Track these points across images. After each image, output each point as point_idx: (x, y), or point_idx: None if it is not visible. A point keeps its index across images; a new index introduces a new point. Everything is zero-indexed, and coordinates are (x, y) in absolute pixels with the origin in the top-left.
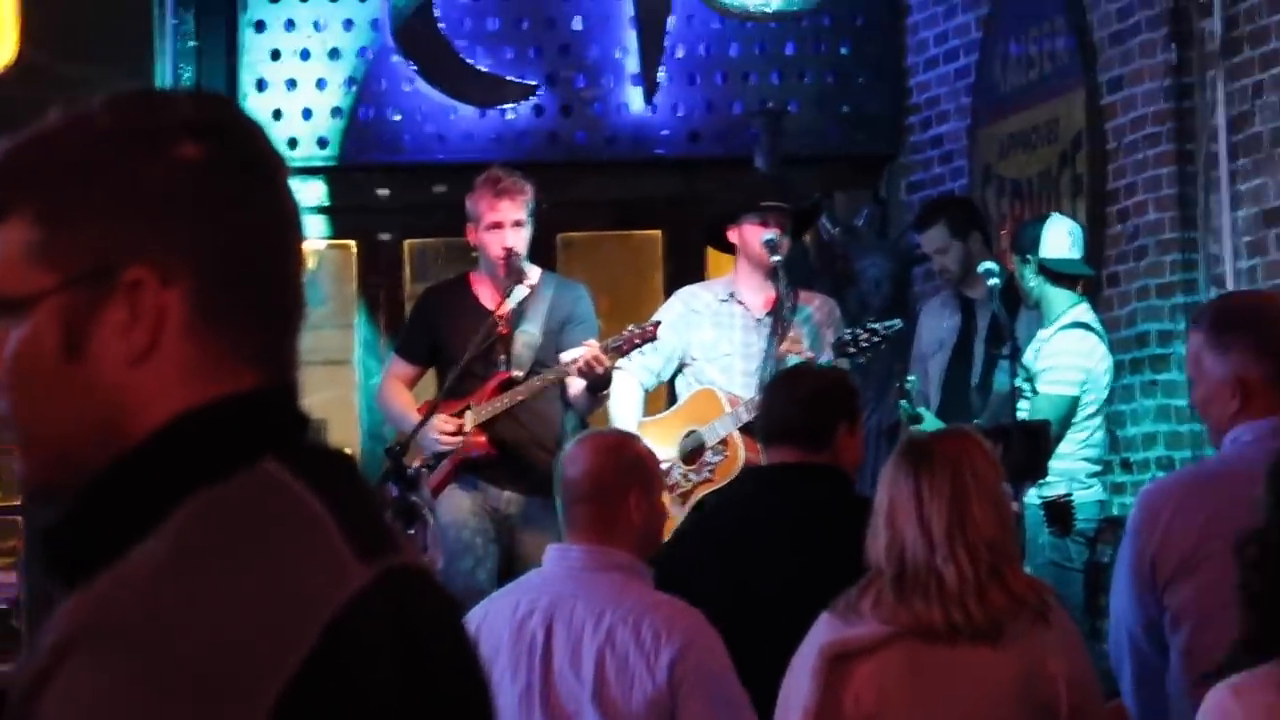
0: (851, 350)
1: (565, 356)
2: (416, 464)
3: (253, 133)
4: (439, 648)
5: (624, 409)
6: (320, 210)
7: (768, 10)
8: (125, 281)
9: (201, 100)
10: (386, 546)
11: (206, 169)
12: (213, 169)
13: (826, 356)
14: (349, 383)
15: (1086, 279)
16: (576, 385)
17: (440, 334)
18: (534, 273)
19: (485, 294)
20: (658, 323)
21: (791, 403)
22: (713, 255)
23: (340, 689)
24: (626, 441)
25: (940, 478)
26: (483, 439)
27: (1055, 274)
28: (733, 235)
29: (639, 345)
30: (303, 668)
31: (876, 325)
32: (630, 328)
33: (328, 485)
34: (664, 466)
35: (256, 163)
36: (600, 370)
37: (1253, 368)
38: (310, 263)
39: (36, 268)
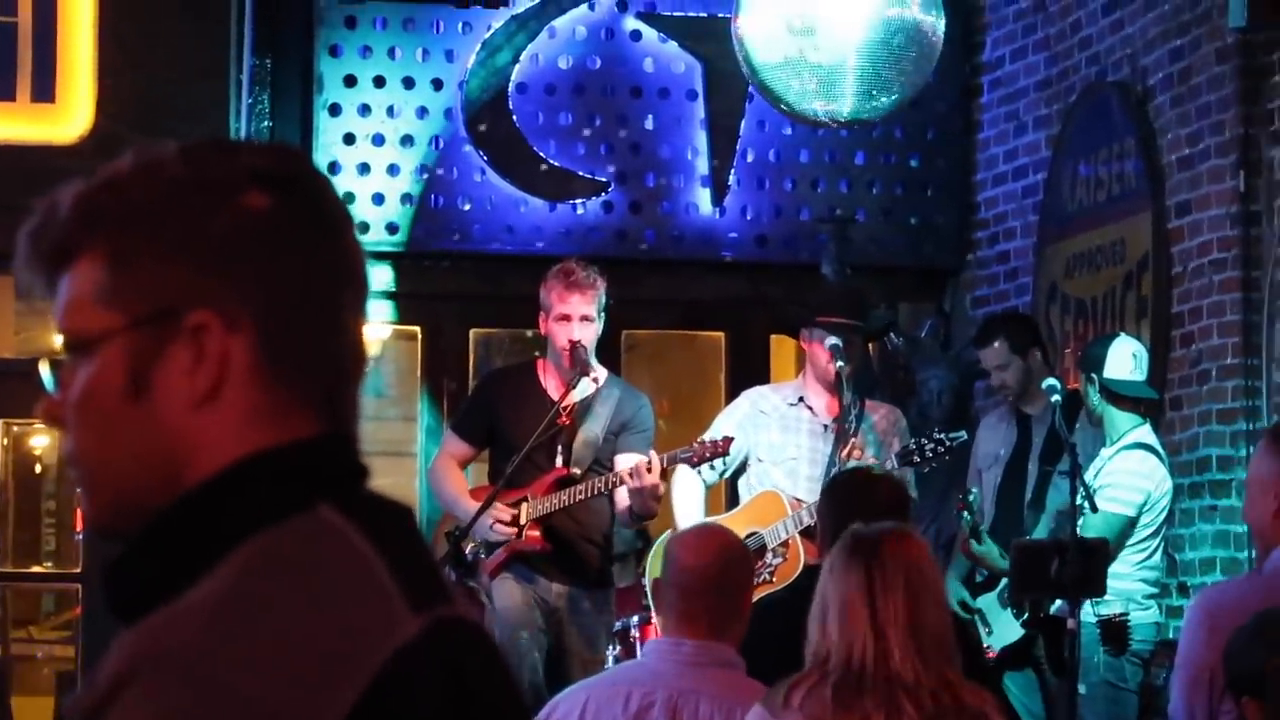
0: (916, 460)
1: (623, 461)
2: (470, 547)
3: (320, 184)
4: (488, 699)
5: (688, 507)
6: (387, 295)
7: (840, 118)
8: (189, 325)
9: (271, 150)
10: (438, 596)
11: (273, 218)
12: (279, 218)
13: (890, 464)
14: (410, 472)
15: (1150, 401)
16: (623, 501)
17: (500, 418)
18: (600, 372)
19: (551, 384)
20: (729, 438)
21: (870, 509)
22: (775, 359)
23: None
24: (739, 538)
25: (892, 575)
26: (537, 534)
27: (1118, 395)
28: (802, 341)
29: (709, 459)
30: (352, 714)
31: (942, 435)
32: (701, 440)
33: (383, 533)
34: None
35: (323, 214)
36: (649, 480)
37: None
38: (375, 349)
39: (104, 308)
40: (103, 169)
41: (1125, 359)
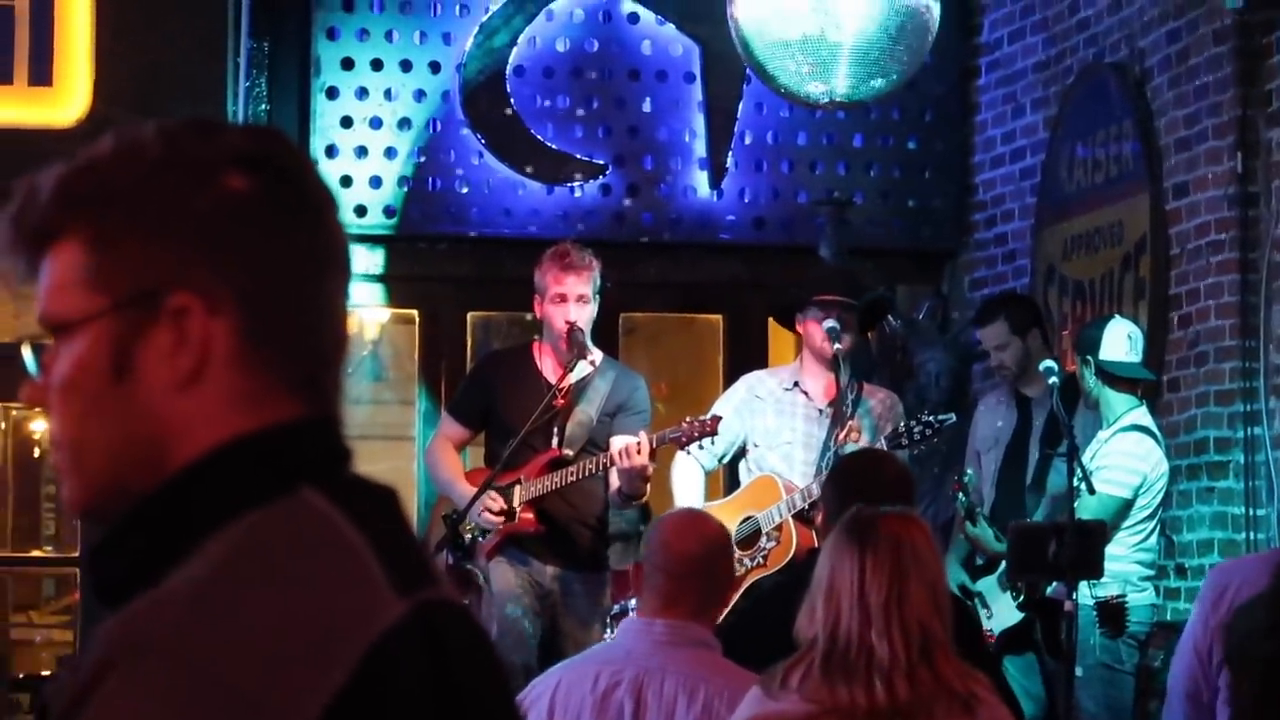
0: (905, 443)
1: (616, 443)
2: (468, 530)
3: (302, 166)
4: (473, 682)
5: (687, 493)
6: (384, 279)
7: (836, 98)
8: (171, 308)
9: (252, 132)
10: (423, 579)
11: (254, 200)
12: (260, 201)
13: (880, 447)
14: (408, 456)
15: (1146, 382)
16: (615, 483)
17: (497, 400)
18: (597, 354)
19: (547, 366)
20: (717, 417)
21: (875, 490)
22: (773, 342)
23: None
24: (722, 525)
25: (882, 555)
26: (530, 516)
27: (1114, 377)
28: (799, 324)
29: (697, 439)
30: (337, 699)
31: (930, 418)
32: (689, 420)
33: (367, 516)
34: None
35: (304, 196)
36: (638, 461)
37: None
38: (372, 333)
39: (86, 291)
40: (83, 151)
41: (1121, 340)
